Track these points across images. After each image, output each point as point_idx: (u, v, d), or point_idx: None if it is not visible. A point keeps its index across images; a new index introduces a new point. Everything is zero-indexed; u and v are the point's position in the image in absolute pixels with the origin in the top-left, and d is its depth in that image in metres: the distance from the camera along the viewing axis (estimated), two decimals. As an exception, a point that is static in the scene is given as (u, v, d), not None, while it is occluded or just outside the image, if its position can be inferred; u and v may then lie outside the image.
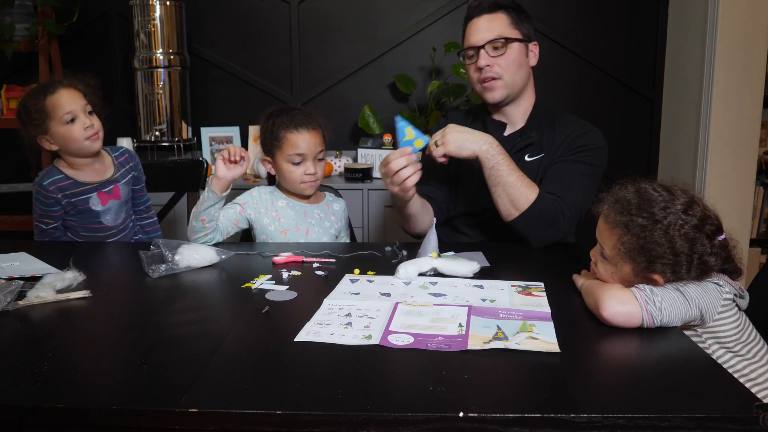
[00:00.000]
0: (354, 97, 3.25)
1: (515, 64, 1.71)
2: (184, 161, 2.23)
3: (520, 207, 1.57)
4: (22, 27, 2.97)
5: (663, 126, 3.25)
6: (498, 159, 1.59)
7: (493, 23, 1.71)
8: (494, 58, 1.70)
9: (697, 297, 1.06)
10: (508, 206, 1.59)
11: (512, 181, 1.58)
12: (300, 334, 1.02)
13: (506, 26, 1.71)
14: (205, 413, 0.78)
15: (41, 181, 1.73)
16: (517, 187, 1.58)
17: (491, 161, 1.59)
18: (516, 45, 1.71)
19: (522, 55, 1.73)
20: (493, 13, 1.72)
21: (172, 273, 1.37)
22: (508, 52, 1.70)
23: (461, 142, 1.58)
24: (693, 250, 1.09)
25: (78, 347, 0.99)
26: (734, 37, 2.74)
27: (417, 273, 1.35)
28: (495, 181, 1.59)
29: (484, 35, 1.71)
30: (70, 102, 1.70)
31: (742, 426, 0.75)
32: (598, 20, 3.21)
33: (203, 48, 3.26)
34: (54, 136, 1.71)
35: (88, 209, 1.76)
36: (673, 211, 1.10)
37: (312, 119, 1.71)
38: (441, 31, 3.20)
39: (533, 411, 0.77)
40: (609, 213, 1.16)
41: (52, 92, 1.70)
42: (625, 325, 1.05)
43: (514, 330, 1.02)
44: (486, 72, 1.71)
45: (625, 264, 1.13)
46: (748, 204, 2.91)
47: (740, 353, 1.11)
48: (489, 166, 1.59)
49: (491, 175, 1.59)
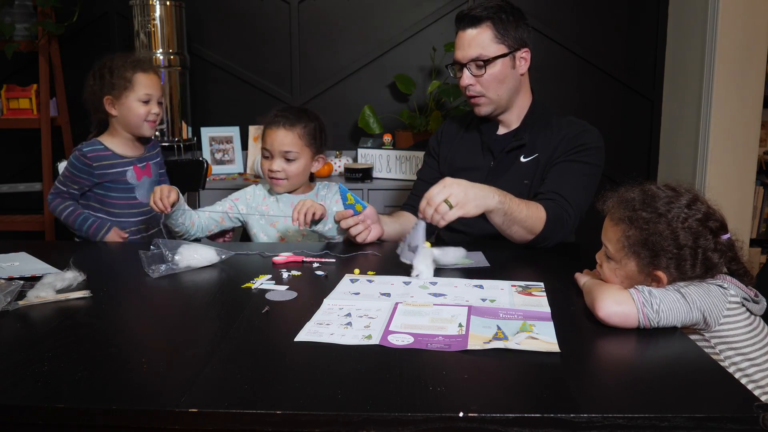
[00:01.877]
0: (354, 97, 3.25)
1: (496, 81, 1.71)
2: (184, 161, 2.23)
3: (536, 231, 1.56)
4: (22, 27, 2.97)
5: (663, 126, 3.25)
6: (509, 204, 1.50)
7: (476, 39, 1.69)
8: (476, 77, 1.70)
9: (699, 300, 1.05)
10: (524, 235, 1.56)
11: (524, 216, 1.53)
12: (300, 334, 1.02)
13: (489, 42, 1.68)
14: (205, 413, 0.78)
15: (82, 147, 1.81)
16: (530, 217, 1.54)
17: (503, 209, 1.49)
18: (498, 62, 1.69)
19: (506, 69, 1.71)
20: (477, 27, 1.69)
21: (172, 273, 1.37)
22: (489, 71, 1.69)
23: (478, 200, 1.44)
24: (697, 244, 1.09)
25: (78, 347, 0.99)
26: (734, 37, 2.74)
27: (434, 267, 1.36)
28: (510, 224, 1.53)
29: (466, 52, 1.70)
30: (154, 86, 1.84)
31: (742, 426, 0.75)
32: (598, 20, 3.21)
33: (203, 48, 3.26)
34: (123, 105, 1.81)
35: (125, 181, 1.85)
36: (677, 205, 1.11)
37: (291, 119, 1.75)
38: (441, 31, 3.20)
39: (533, 411, 0.77)
40: (614, 211, 1.17)
41: (144, 70, 1.83)
42: (621, 325, 1.05)
43: (514, 330, 1.02)
44: (469, 90, 1.73)
45: (630, 260, 1.14)
46: (748, 204, 2.91)
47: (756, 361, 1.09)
48: (502, 214, 1.50)
49: (506, 221, 1.52)
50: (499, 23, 1.69)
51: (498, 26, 1.69)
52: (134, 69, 1.81)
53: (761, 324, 1.12)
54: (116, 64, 1.81)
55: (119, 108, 1.81)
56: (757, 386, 1.09)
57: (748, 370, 1.09)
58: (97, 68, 1.85)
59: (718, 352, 1.09)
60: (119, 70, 1.80)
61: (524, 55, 1.74)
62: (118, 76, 1.79)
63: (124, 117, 1.82)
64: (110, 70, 1.81)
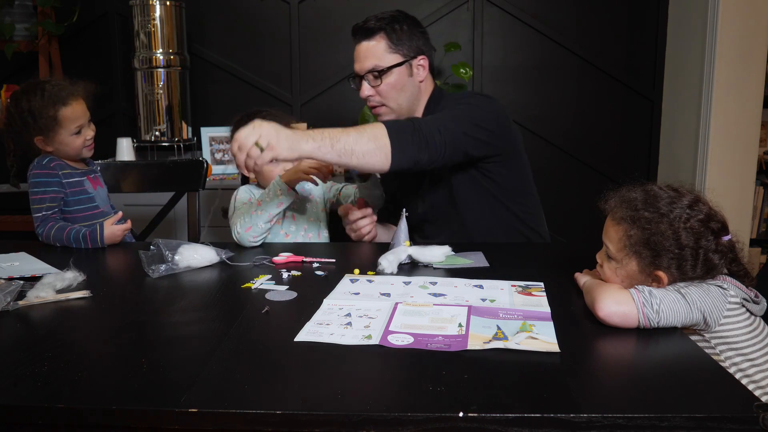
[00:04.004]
0: (354, 97, 3.20)
1: (395, 90, 1.72)
2: (184, 161, 2.23)
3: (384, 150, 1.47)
4: (22, 27, 2.97)
5: (663, 126, 3.25)
6: (329, 141, 1.43)
7: (371, 50, 1.71)
8: (374, 87, 1.72)
9: (699, 300, 1.06)
10: (376, 161, 1.48)
11: (352, 143, 1.45)
12: (300, 334, 1.02)
13: (383, 52, 1.70)
14: (205, 413, 0.78)
15: (41, 161, 1.73)
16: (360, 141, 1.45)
17: (323, 148, 1.42)
18: (394, 71, 1.70)
19: (403, 77, 1.72)
20: (371, 39, 1.71)
21: (172, 273, 1.37)
22: (385, 81, 1.71)
23: (291, 142, 1.39)
24: (698, 245, 1.09)
25: (78, 347, 0.99)
26: (734, 37, 2.74)
27: (398, 263, 1.39)
28: (347, 158, 1.45)
29: (363, 64, 1.73)
30: (81, 114, 1.74)
31: (742, 426, 0.75)
32: (598, 20, 3.21)
33: (203, 48, 3.26)
34: (57, 142, 1.72)
35: (84, 192, 1.78)
36: (679, 206, 1.12)
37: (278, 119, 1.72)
38: (441, 31, 3.20)
39: (533, 411, 0.77)
40: (616, 211, 1.18)
41: (65, 103, 1.71)
42: (621, 325, 1.05)
43: (514, 330, 1.02)
44: (370, 101, 1.75)
45: (631, 260, 1.14)
46: (748, 204, 2.91)
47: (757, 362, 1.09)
48: (327, 153, 1.43)
49: (339, 158, 1.44)
50: (392, 33, 1.71)
51: (392, 36, 1.70)
52: (56, 106, 1.69)
53: (761, 324, 1.12)
54: (35, 105, 1.68)
55: (53, 145, 1.72)
56: (757, 386, 1.09)
57: (748, 371, 1.10)
58: (15, 112, 1.71)
59: (718, 353, 1.09)
60: (41, 111, 1.68)
61: (421, 63, 1.75)
62: (42, 116, 1.68)
63: (61, 151, 1.74)
64: (31, 113, 1.68)
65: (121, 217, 1.72)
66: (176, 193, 2.19)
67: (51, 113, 1.69)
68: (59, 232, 1.66)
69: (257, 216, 1.60)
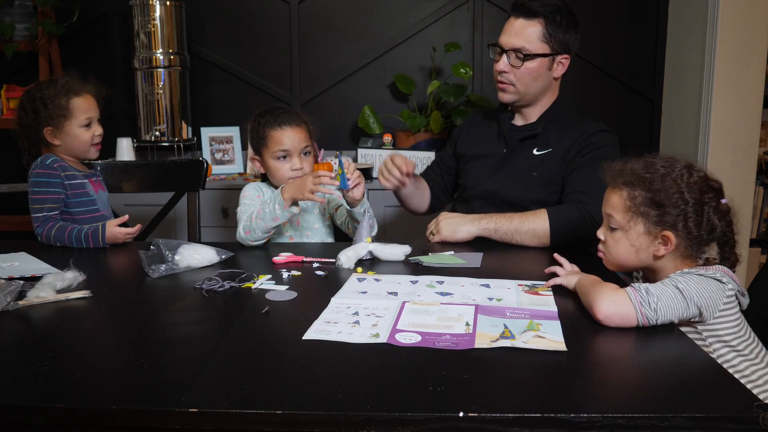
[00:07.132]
0: (354, 97, 3.25)
1: (531, 77, 1.73)
2: (184, 161, 2.23)
3: (543, 237, 1.60)
4: (22, 27, 2.97)
5: (663, 126, 3.25)
6: (495, 222, 1.63)
7: (525, 30, 1.70)
8: (513, 66, 1.71)
9: (696, 295, 1.07)
10: (535, 242, 1.61)
11: (517, 224, 1.61)
12: (308, 332, 1.02)
13: (536, 38, 1.70)
14: (205, 413, 0.77)
15: (44, 160, 1.73)
16: (526, 222, 1.60)
17: (491, 228, 1.63)
18: (538, 60, 1.71)
19: (542, 69, 1.73)
20: (529, 20, 1.70)
21: (172, 273, 1.37)
22: (526, 65, 1.71)
23: (453, 226, 1.65)
24: (702, 200, 1.13)
25: (78, 347, 0.99)
26: (734, 37, 2.74)
27: (356, 259, 1.43)
28: (510, 237, 1.62)
29: (511, 40, 1.71)
30: (92, 108, 1.77)
31: (742, 426, 0.75)
32: (598, 20, 3.21)
33: (203, 48, 3.26)
34: (65, 134, 1.73)
35: (86, 194, 1.77)
36: (678, 168, 1.16)
37: (295, 116, 1.73)
38: (441, 31, 3.20)
39: (533, 411, 0.77)
40: (616, 180, 1.20)
41: (78, 94, 1.74)
42: (621, 325, 1.05)
43: (521, 329, 1.02)
44: (501, 76, 1.75)
45: (637, 223, 1.16)
46: (748, 204, 2.91)
47: (743, 352, 1.12)
48: (493, 231, 1.63)
49: (503, 237, 1.63)
50: (551, 23, 1.70)
51: (549, 26, 1.70)
52: (68, 95, 1.72)
53: (743, 319, 1.15)
54: (48, 94, 1.72)
55: (62, 137, 1.73)
56: (749, 381, 1.10)
57: (739, 365, 1.11)
58: (27, 101, 1.74)
59: (708, 345, 1.11)
60: (53, 99, 1.71)
61: (563, 61, 1.76)
62: (54, 105, 1.71)
63: (69, 145, 1.74)
64: (43, 101, 1.71)
65: (127, 220, 1.71)
66: (176, 193, 2.19)
67: (63, 102, 1.71)
68: (60, 231, 1.66)
69: (256, 223, 1.60)
